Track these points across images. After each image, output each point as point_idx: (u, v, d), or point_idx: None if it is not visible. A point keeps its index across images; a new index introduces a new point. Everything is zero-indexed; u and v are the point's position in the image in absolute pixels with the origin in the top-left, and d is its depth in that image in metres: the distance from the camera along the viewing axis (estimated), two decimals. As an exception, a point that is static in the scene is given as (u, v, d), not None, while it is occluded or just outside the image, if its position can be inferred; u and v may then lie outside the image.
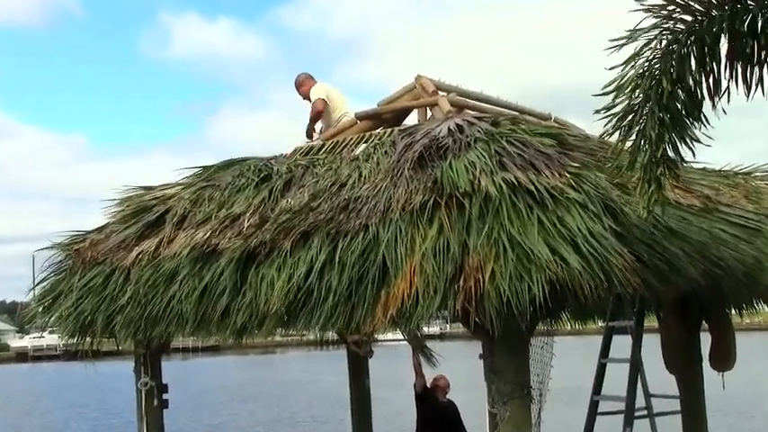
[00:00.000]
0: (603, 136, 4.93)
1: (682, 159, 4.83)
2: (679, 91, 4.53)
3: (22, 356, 78.32)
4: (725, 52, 4.45)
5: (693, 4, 4.42)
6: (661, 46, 4.48)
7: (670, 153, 4.67)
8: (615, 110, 4.63)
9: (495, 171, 5.65)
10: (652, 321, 8.79)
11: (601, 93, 4.62)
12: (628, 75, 4.53)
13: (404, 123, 8.13)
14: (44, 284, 8.10)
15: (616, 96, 4.58)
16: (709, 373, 8.53)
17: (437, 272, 5.22)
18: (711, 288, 6.22)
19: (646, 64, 4.51)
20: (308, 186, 6.81)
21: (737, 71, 4.48)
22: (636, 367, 7.39)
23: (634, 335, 7.47)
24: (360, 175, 6.57)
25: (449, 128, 6.50)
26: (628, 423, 7.33)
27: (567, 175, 5.55)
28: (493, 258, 5.07)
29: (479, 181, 5.57)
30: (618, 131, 4.70)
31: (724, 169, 8.37)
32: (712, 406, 9.00)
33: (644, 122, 4.56)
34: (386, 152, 6.84)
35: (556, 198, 5.32)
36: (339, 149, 7.61)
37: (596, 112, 4.66)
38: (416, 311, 5.22)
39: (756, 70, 4.47)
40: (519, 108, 8.33)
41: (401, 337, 9.03)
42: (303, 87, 8.80)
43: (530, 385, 5.90)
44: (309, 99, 8.63)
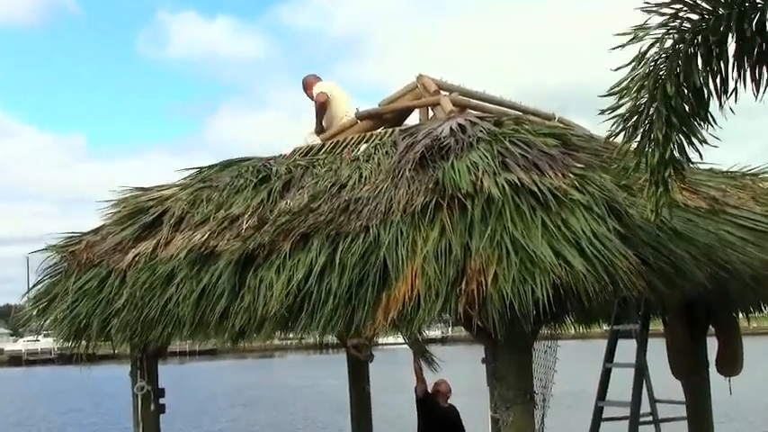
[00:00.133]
0: (609, 138, 4.92)
1: (689, 160, 4.82)
2: (685, 91, 4.53)
3: (16, 360, 78.26)
4: (732, 52, 4.44)
5: (700, 3, 4.41)
6: (667, 46, 4.47)
7: (676, 154, 4.65)
8: (620, 111, 4.62)
9: (497, 172, 5.65)
10: (657, 325, 8.78)
11: (606, 94, 4.61)
12: (633, 75, 4.53)
13: (405, 123, 8.13)
14: (39, 287, 8.10)
15: (621, 97, 4.58)
16: (715, 379, 8.52)
17: (439, 274, 5.22)
18: (718, 292, 6.22)
19: (651, 64, 4.50)
20: (308, 187, 6.81)
21: (745, 71, 4.47)
22: (641, 372, 7.38)
23: (639, 339, 7.46)
24: (360, 176, 6.57)
25: (451, 128, 6.50)
26: (633, 429, 7.33)
27: (571, 177, 5.55)
28: (495, 261, 5.07)
29: (482, 182, 5.57)
30: (623, 133, 4.68)
31: (731, 170, 8.37)
32: (719, 412, 8.98)
33: (650, 123, 4.55)
34: (387, 152, 6.84)
35: (559, 199, 5.32)
36: (339, 150, 7.62)
37: (601, 113, 4.65)
38: (418, 315, 5.23)
39: (765, 70, 4.46)
40: (522, 108, 8.33)
41: (402, 341, 9.02)
42: (310, 89, 8.79)
43: (533, 390, 5.90)
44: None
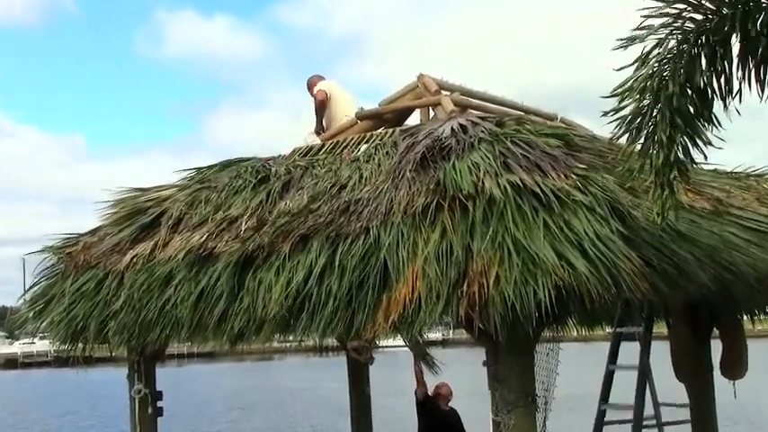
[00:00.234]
0: (612, 140, 4.92)
1: (693, 162, 4.83)
2: (689, 92, 4.53)
3: (12, 363, 78.16)
4: (736, 52, 4.45)
5: (704, 3, 4.42)
6: (670, 46, 4.48)
7: (680, 156, 4.66)
8: (623, 112, 4.62)
9: (499, 173, 5.66)
10: (661, 327, 8.78)
11: (609, 95, 4.62)
12: (636, 76, 4.53)
13: (406, 123, 8.14)
14: (35, 289, 8.11)
15: (624, 99, 4.58)
16: (720, 382, 8.52)
17: (440, 276, 5.23)
18: (722, 293, 6.23)
19: (655, 65, 4.50)
20: (308, 188, 6.82)
21: (750, 71, 4.48)
22: (644, 375, 7.38)
23: (642, 341, 7.46)
24: (360, 177, 6.58)
25: (452, 128, 6.51)
26: (636, 432, 7.33)
27: (574, 177, 5.56)
28: (497, 263, 5.08)
29: (483, 183, 5.58)
30: (627, 135, 4.69)
31: (735, 171, 8.37)
32: (723, 415, 8.99)
33: (654, 125, 4.55)
34: (387, 153, 6.85)
35: (562, 201, 5.33)
36: (339, 150, 7.63)
37: (604, 115, 4.66)
38: (418, 317, 5.24)
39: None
40: (524, 108, 8.33)
41: (402, 344, 9.03)
42: (313, 89, 8.80)
43: (535, 393, 5.91)
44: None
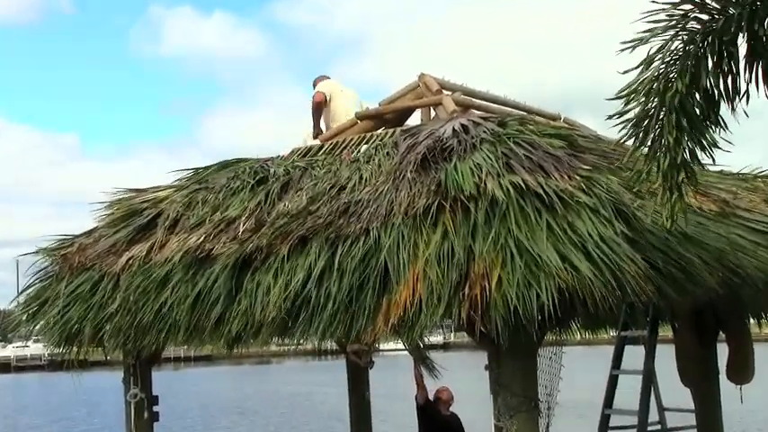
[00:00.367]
0: (618, 142, 4.92)
1: (701, 164, 4.82)
2: (696, 94, 4.53)
3: (5, 367, 78.15)
4: (743, 53, 4.44)
5: (710, 3, 4.42)
6: (676, 47, 4.47)
7: (687, 158, 4.65)
8: (629, 115, 4.62)
9: (501, 174, 5.67)
10: (666, 331, 8.78)
11: (614, 97, 4.61)
12: (641, 78, 4.52)
13: (406, 123, 8.15)
14: (29, 291, 8.13)
15: (629, 101, 4.57)
16: (726, 387, 8.53)
17: (441, 279, 5.23)
18: (729, 297, 6.22)
19: (661, 66, 4.50)
20: (307, 189, 6.83)
21: (757, 72, 4.47)
22: (649, 379, 7.38)
23: (647, 345, 7.46)
24: (360, 178, 6.59)
25: (453, 128, 6.52)
26: (640, 438, 7.33)
27: (578, 178, 5.57)
28: (500, 265, 5.09)
29: (485, 184, 5.59)
30: (633, 137, 4.68)
31: (742, 172, 8.37)
32: (730, 421, 9.00)
33: (660, 128, 4.54)
34: (387, 153, 6.86)
35: (565, 202, 5.34)
36: (338, 151, 7.64)
37: (609, 118, 4.65)
38: (419, 320, 5.24)
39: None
40: (527, 108, 8.35)
41: (402, 347, 9.04)
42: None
43: (537, 398, 5.91)
44: None
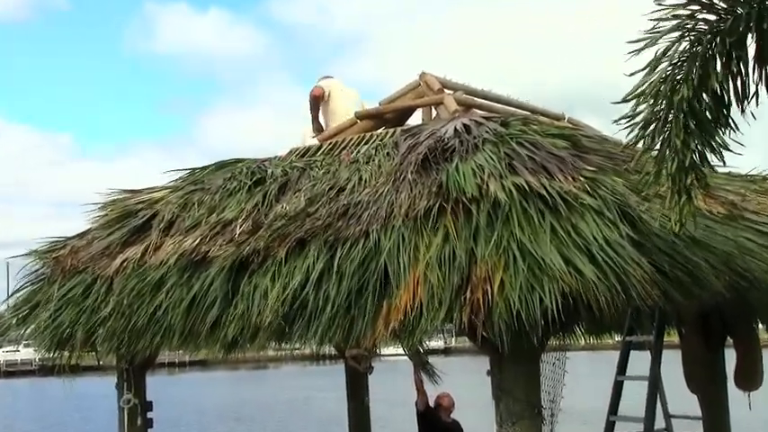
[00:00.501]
0: (626, 146, 4.90)
1: (711, 167, 4.81)
2: (704, 95, 4.51)
3: (-6, 372, 78.23)
4: (752, 53, 4.44)
5: (717, 3, 4.41)
6: (683, 48, 4.46)
7: (697, 161, 4.64)
8: (637, 119, 4.60)
9: (504, 175, 5.66)
10: (673, 336, 8.77)
11: (621, 100, 4.60)
12: (648, 80, 4.51)
13: (407, 123, 8.15)
14: (20, 294, 8.12)
15: (637, 104, 4.56)
16: (733, 393, 8.52)
17: (442, 282, 5.22)
18: (737, 301, 6.22)
19: (668, 68, 4.48)
20: (305, 190, 6.82)
21: (767, 72, 4.46)
22: (655, 386, 7.37)
23: (653, 351, 7.45)
24: (360, 179, 6.58)
25: (455, 128, 6.52)
26: (646, 445, 7.32)
27: (582, 180, 5.56)
28: (502, 268, 5.08)
29: (488, 185, 5.58)
30: (642, 141, 4.67)
31: (751, 174, 8.37)
32: (737, 428, 8.98)
33: (669, 130, 4.53)
34: (388, 154, 6.85)
35: (569, 204, 5.33)
36: (338, 151, 7.63)
37: (615, 122, 4.64)
38: (420, 324, 5.23)
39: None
40: (530, 107, 8.34)
41: (402, 352, 9.03)
42: None
43: (540, 404, 5.90)
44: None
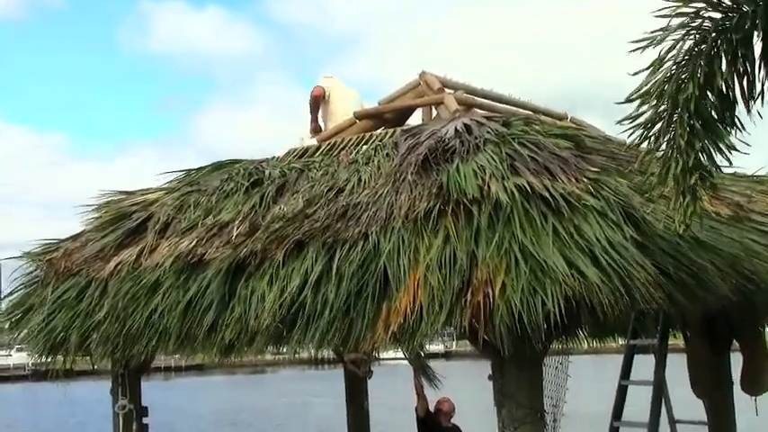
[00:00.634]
0: (630, 147, 4.91)
1: (716, 167, 4.81)
2: (710, 95, 4.52)
3: (-14, 376, 78.17)
4: (758, 51, 4.44)
5: (723, 0, 4.41)
6: (688, 47, 4.46)
7: (703, 161, 4.64)
8: (640, 119, 4.60)
9: (506, 176, 5.67)
10: (677, 340, 8.77)
11: (625, 100, 4.60)
12: (652, 80, 4.52)
13: (407, 123, 8.15)
14: (12, 297, 8.12)
15: (642, 104, 4.56)
16: (740, 397, 8.52)
17: (443, 285, 5.23)
18: (743, 304, 6.22)
19: (673, 67, 4.48)
20: (303, 192, 6.83)
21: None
22: (659, 390, 7.37)
23: (657, 354, 7.45)
24: (359, 180, 6.59)
25: (456, 128, 6.52)
26: (651, 451, 7.32)
27: (585, 181, 5.57)
28: (503, 271, 5.08)
29: (489, 186, 5.59)
30: (645, 141, 4.67)
31: (757, 174, 8.36)
32: (744, 433, 8.99)
33: (673, 130, 4.53)
34: (387, 155, 6.86)
35: (572, 205, 5.33)
36: (336, 152, 7.64)
37: (619, 122, 4.64)
38: (420, 328, 5.23)
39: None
40: (532, 107, 8.34)
41: (402, 356, 9.03)
42: None
43: (543, 409, 5.91)
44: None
